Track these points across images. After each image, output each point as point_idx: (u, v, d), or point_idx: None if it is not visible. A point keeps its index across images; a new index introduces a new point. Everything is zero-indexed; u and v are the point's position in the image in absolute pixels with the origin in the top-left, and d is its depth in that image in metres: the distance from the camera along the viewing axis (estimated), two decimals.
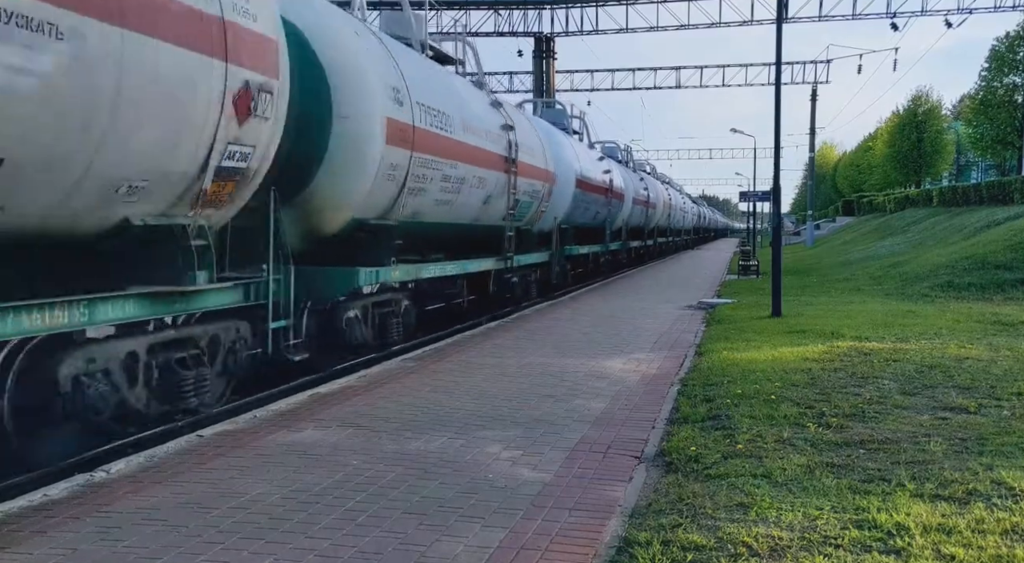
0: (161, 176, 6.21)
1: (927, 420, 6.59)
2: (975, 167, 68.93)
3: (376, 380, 8.53)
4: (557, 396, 7.74)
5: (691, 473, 5.29)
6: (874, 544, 4.10)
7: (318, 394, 7.85)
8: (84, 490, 4.98)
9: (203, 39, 6.26)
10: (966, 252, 21.27)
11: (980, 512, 4.49)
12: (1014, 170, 45.57)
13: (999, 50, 42.61)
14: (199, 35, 6.21)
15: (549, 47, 43.01)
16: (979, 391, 7.63)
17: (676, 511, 4.57)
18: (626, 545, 4.13)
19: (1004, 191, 30.85)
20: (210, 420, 7.45)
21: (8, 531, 4.31)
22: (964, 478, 5.07)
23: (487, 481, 5.17)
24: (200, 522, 4.43)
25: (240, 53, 6.69)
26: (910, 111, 59.18)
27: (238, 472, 5.33)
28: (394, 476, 5.25)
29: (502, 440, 6.14)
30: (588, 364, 9.54)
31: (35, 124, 5.01)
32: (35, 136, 5.05)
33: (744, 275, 26.18)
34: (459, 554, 4.03)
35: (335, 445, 6.00)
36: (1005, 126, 42.37)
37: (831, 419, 6.56)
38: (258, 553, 4.03)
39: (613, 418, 6.90)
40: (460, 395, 7.77)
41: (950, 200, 37.12)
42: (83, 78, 5.19)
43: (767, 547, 4.06)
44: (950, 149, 60.67)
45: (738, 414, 6.77)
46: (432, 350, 10.67)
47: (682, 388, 8.11)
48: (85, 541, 4.17)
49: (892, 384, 7.99)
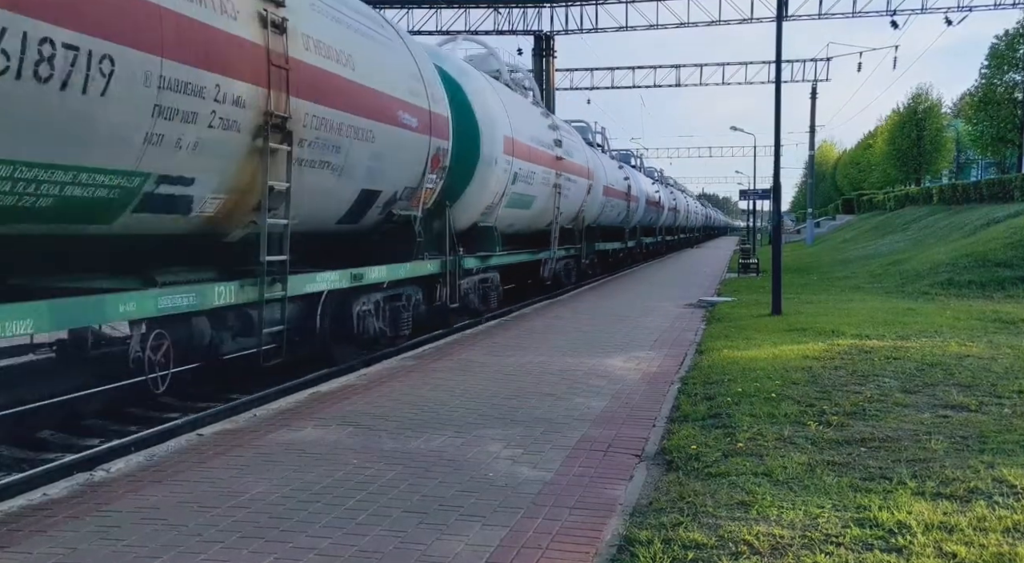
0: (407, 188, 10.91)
1: (928, 418, 6.58)
2: (975, 165, 68.86)
3: (376, 379, 8.52)
4: (557, 394, 7.74)
5: (692, 471, 5.28)
6: (875, 542, 4.09)
7: (318, 393, 7.84)
8: (84, 489, 4.97)
9: (422, 125, 10.86)
10: (966, 250, 21.25)
11: (982, 510, 4.48)
12: (1014, 168, 45.53)
13: (999, 48, 42.57)
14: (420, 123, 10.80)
15: (549, 45, 42.97)
16: (980, 389, 7.62)
17: (677, 509, 4.57)
18: (627, 544, 4.13)
19: (1004, 189, 30.83)
20: (210, 419, 7.45)
21: (8, 530, 4.30)
22: (965, 476, 5.06)
23: (487, 480, 5.16)
24: (200, 521, 4.42)
25: (435, 131, 11.30)
26: (910, 109, 59.15)
27: (238, 471, 5.32)
28: (394, 475, 5.25)
29: (502, 439, 6.13)
30: (588, 362, 9.54)
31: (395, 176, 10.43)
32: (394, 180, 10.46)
33: (744, 273, 26.16)
34: (459, 553, 4.02)
35: (335, 444, 5.99)
36: (1005, 124, 42.31)
37: (832, 417, 6.55)
38: (258, 552, 4.02)
39: (613, 416, 6.89)
40: (460, 394, 7.76)
41: (950, 198, 37.09)
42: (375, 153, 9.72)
43: (768, 545, 4.05)
44: (950, 147, 60.64)
45: (739, 412, 6.76)
46: (432, 348, 10.67)
47: (682, 386, 8.10)
48: (85, 540, 4.16)
49: (893, 382, 7.98)
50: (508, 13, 41.01)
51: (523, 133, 15.17)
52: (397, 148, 10.10)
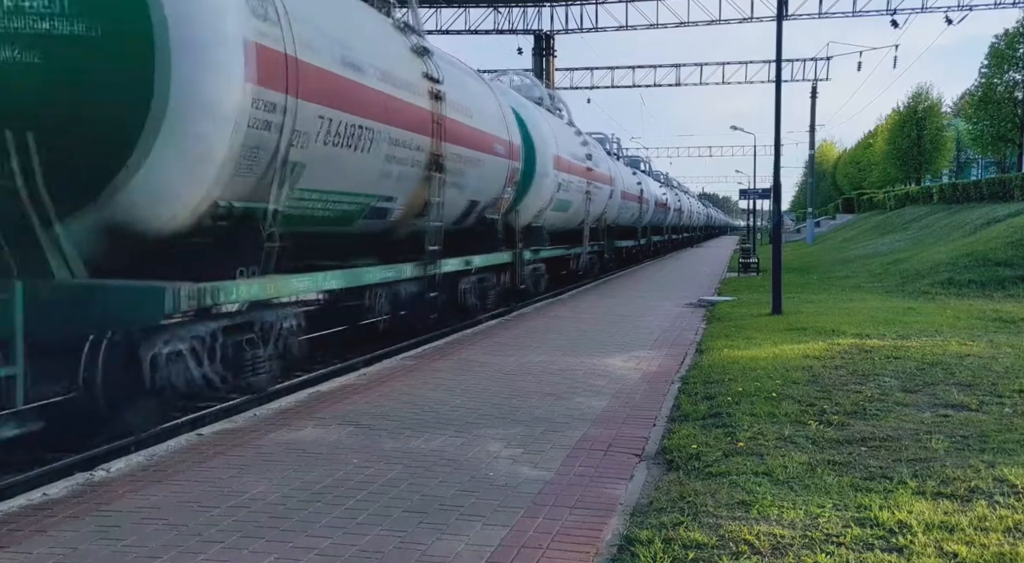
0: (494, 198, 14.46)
1: (928, 417, 6.57)
2: (975, 164, 68.86)
3: (376, 378, 8.52)
4: (557, 394, 7.73)
5: (692, 471, 5.28)
6: (876, 542, 4.09)
7: (318, 392, 7.84)
8: (84, 489, 4.97)
9: (506, 152, 14.49)
10: (966, 249, 21.24)
11: (982, 510, 4.47)
12: (1014, 167, 45.50)
13: (998, 47, 42.55)
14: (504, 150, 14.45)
15: (549, 45, 42.98)
16: (980, 388, 7.62)
17: (677, 509, 4.56)
18: (627, 543, 4.12)
19: (1004, 188, 30.80)
20: (210, 418, 7.44)
21: (8, 530, 4.30)
22: (966, 475, 5.05)
23: (488, 479, 5.16)
24: (200, 521, 4.42)
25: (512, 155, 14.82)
26: (910, 108, 59.05)
27: (238, 471, 5.32)
28: (394, 474, 5.24)
29: (502, 438, 6.13)
30: (588, 362, 9.53)
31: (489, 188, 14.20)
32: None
33: (744, 273, 26.16)
34: (460, 552, 4.01)
35: (335, 443, 5.99)
36: (1005, 123, 42.28)
37: (832, 417, 6.55)
38: (258, 552, 4.02)
39: (614, 416, 6.88)
40: (460, 393, 7.76)
41: (950, 197, 37.05)
42: (479, 174, 13.43)
43: (769, 545, 4.04)
44: (950, 146, 60.56)
45: (739, 412, 6.75)
46: (432, 348, 10.66)
47: (683, 386, 8.09)
48: (85, 540, 4.15)
49: (893, 381, 7.98)
50: (508, 12, 41.01)
51: (564, 150, 18.86)
52: (492, 170, 13.80)
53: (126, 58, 6.30)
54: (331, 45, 8.31)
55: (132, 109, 6.36)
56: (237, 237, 7.28)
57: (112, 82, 6.31)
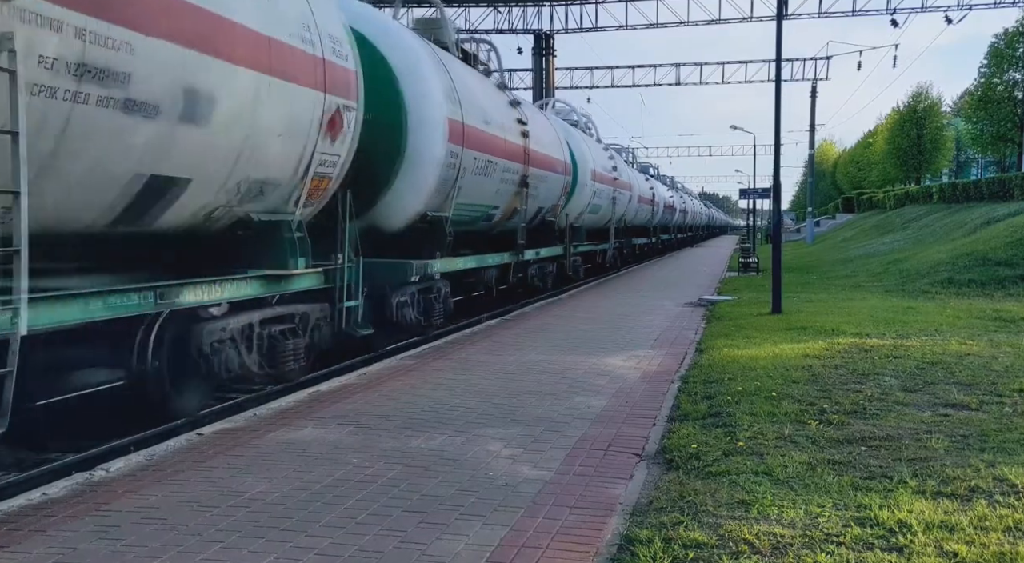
0: (552, 204, 19.32)
1: (928, 417, 6.57)
2: (975, 163, 68.90)
3: (376, 378, 8.51)
4: (557, 394, 7.73)
5: (692, 471, 5.28)
6: (876, 542, 4.08)
7: (318, 392, 7.84)
8: (83, 489, 4.97)
9: (562, 169, 19.07)
10: (966, 248, 21.25)
11: (982, 509, 4.47)
12: (1014, 166, 45.53)
13: (998, 46, 42.56)
14: (562, 167, 19.07)
15: (549, 44, 42.96)
16: (980, 388, 7.62)
17: (677, 509, 4.56)
18: (627, 543, 4.12)
19: (1004, 187, 30.81)
20: (210, 418, 7.44)
21: (7, 530, 4.30)
22: (966, 475, 5.05)
23: (487, 479, 5.15)
24: (200, 521, 4.41)
25: (566, 172, 19.30)
26: (910, 108, 59.11)
27: (238, 470, 5.31)
28: (394, 474, 5.24)
29: (502, 438, 6.13)
30: (588, 361, 9.53)
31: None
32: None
33: (744, 272, 26.16)
34: (460, 552, 4.01)
35: (335, 443, 5.99)
36: (1005, 122, 42.31)
37: (832, 416, 6.55)
38: (258, 552, 4.01)
39: (614, 416, 6.88)
40: (460, 393, 7.75)
41: (950, 197, 37.06)
42: (547, 187, 17.97)
43: (769, 545, 4.04)
44: (950, 146, 60.60)
45: (739, 411, 6.75)
46: (432, 348, 10.66)
47: (683, 385, 8.09)
48: (84, 540, 4.15)
49: (893, 381, 7.98)
50: (508, 12, 41.02)
51: (597, 164, 23.10)
52: (554, 183, 17.84)
53: (390, 133, 10.50)
54: (479, 112, 12.81)
55: (390, 163, 10.63)
56: (433, 233, 11.41)
57: (382, 149, 10.33)
